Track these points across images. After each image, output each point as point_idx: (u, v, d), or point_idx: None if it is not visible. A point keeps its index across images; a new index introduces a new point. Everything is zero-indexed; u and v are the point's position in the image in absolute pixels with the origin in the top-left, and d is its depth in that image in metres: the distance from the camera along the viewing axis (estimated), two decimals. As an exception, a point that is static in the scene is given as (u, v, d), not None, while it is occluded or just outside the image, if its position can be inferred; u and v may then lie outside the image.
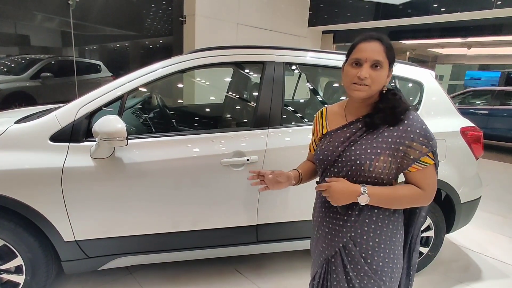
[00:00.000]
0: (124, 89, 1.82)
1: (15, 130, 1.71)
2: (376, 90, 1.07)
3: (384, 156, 1.05)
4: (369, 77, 1.03)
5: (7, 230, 1.68)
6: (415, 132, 1.04)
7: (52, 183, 1.66)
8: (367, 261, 1.11)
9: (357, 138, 1.11)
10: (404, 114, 1.06)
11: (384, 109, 1.07)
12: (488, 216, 3.54)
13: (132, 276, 2.22)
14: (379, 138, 1.07)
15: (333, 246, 1.16)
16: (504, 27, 6.26)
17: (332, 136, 1.17)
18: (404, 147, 1.04)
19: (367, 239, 1.11)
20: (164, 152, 1.82)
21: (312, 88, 2.68)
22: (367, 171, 1.06)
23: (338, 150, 1.13)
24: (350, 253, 1.12)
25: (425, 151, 1.04)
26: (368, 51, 1.04)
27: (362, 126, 1.11)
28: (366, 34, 1.08)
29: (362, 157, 1.06)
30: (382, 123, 1.07)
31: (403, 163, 1.06)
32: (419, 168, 1.06)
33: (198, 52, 1.99)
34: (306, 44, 7.39)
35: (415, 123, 1.05)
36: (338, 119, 1.20)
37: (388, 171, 1.07)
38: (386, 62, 1.05)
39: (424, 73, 2.35)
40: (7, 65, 4.84)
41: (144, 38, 6.16)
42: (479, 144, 2.31)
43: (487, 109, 7.15)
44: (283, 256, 2.49)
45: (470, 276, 2.46)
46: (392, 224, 1.12)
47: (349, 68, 1.08)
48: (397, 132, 1.05)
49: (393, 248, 1.13)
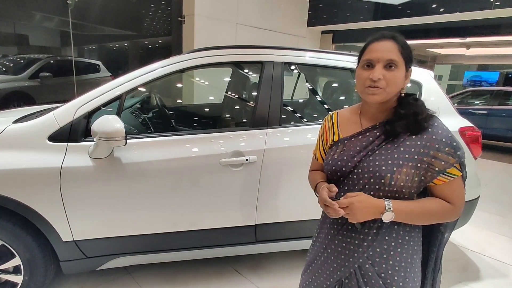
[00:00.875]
0: (123, 89, 1.81)
1: (13, 129, 1.71)
2: (393, 92, 0.98)
3: (406, 168, 0.95)
4: (383, 79, 0.94)
5: (5, 230, 1.68)
6: (441, 141, 0.95)
7: (50, 183, 1.66)
8: (386, 281, 1.01)
9: (375, 148, 1.00)
10: (427, 121, 0.97)
11: (406, 115, 0.97)
12: (487, 216, 3.54)
13: (131, 276, 2.22)
14: (401, 148, 0.97)
15: (347, 267, 1.05)
16: (503, 27, 6.27)
17: (346, 144, 1.06)
18: (428, 158, 0.95)
19: (387, 257, 1.01)
20: (162, 152, 1.81)
21: (311, 88, 2.68)
22: (387, 184, 0.96)
23: (354, 160, 1.02)
24: (366, 274, 1.02)
25: (452, 161, 0.95)
26: (380, 50, 0.96)
27: (380, 134, 1.01)
28: (378, 33, 1.00)
29: (383, 169, 0.96)
30: (404, 131, 0.97)
31: (427, 175, 0.96)
32: (445, 181, 0.97)
33: (197, 52, 1.99)
34: (305, 44, 7.39)
35: (441, 131, 0.96)
36: (351, 125, 1.09)
37: (411, 184, 0.96)
38: (401, 61, 0.96)
39: (422, 73, 2.36)
40: (6, 64, 4.83)
41: (143, 38, 6.16)
42: (477, 144, 2.31)
43: (486, 109, 7.17)
44: (282, 256, 2.49)
45: (469, 275, 2.46)
46: (413, 240, 1.03)
47: (361, 71, 1.00)
48: (420, 141, 0.96)
49: (414, 266, 1.03)
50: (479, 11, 5.34)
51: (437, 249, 1.09)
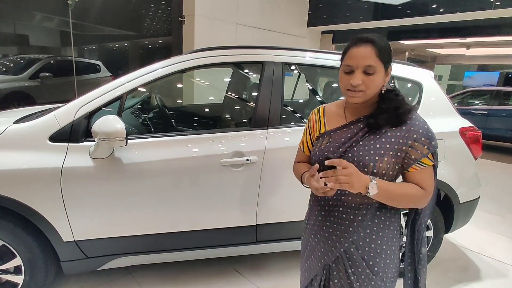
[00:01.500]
0: (124, 89, 1.82)
1: (14, 130, 1.71)
2: (373, 93, 1.06)
3: (387, 157, 1.04)
4: (363, 83, 1.02)
5: (6, 230, 1.68)
6: (418, 132, 1.04)
7: (51, 183, 1.66)
8: (369, 263, 1.11)
9: (359, 139, 1.09)
10: (407, 115, 1.06)
11: (388, 109, 1.06)
12: (487, 216, 3.55)
13: (131, 276, 2.22)
14: (382, 139, 1.06)
15: (334, 252, 1.14)
16: (503, 27, 6.27)
17: (332, 136, 1.14)
18: (406, 147, 1.04)
19: (370, 241, 1.10)
20: (163, 152, 1.82)
21: (311, 88, 2.68)
22: (370, 172, 1.04)
23: (339, 151, 1.10)
24: (351, 257, 1.12)
25: (425, 152, 1.04)
26: (358, 57, 1.02)
27: (364, 127, 1.09)
28: (357, 38, 1.05)
29: (366, 158, 1.05)
30: (386, 124, 1.06)
31: (404, 163, 1.06)
32: (417, 169, 1.06)
33: (198, 52, 1.99)
34: (305, 44, 7.39)
35: (418, 123, 1.05)
36: (337, 118, 1.18)
37: (391, 172, 1.06)
38: (379, 64, 1.02)
39: (423, 74, 2.36)
40: (6, 64, 4.83)
41: (143, 38, 6.16)
42: (478, 145, 2.31)
43: (486, 109, 7.17)
44: (282, 256, 2.49)
45: (469, 276, 2.46)
46: (393, 225, 1.13)
47: (342, 74, 1.07)
48: (400, 133, 1.05)
49: (393, 248, 1.14)
50: (479, 11, 5.34)
51: (418, 225, 1.20)
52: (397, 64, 2.34)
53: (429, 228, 2.30)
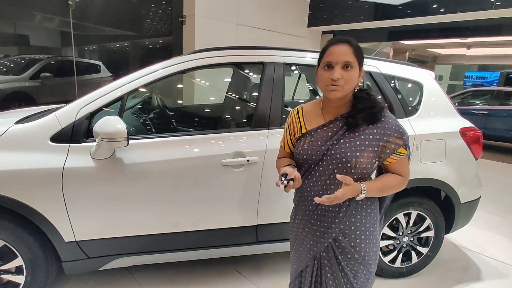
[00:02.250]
0: (124, 90, 1.82)
1: (16, 130, 1.71)
2: (350, 89, 1.15)
3: (367, 152, 1.16)
4: (342, 78, 1.11)
5: (8, 231, 1.68)
6: (391, 129, 1.17)
7: (52, 184, 1.66)
8: (355, 248, 1.22)
9: (340, 137, 1.18)
10: (381, 113, 1.17)
11: (364, 109, 1.16)
12: (487, 216, 3.55)
13: (132, 277, 2.22)
14: (361, 136, 1.16)
15: (323, 242, 1.24)
16: (503, 27, 6.27)
17: (313, 136, 1.23)
18: (382, 142, 1.17)
19: (355, 229, 1.22)
20: (164, 152, 1.82)
21: (311, 88, 2.68)
22: (353, 167, 1.15)
23: (322, 149, 1.19)
24: (340, 245, 1.22)
25: (400, 143, 1.18)
26: (338, 54, 1.12)
27: (343, 125, 1.19)
28: (334, 38, 1.17)
29: (348, 154, 1.15)
30: (363, 122, 1.16)
31: (381, 156, 1.20)
32: (396, 159, 1.20)
33: (198, 53, 1.99)
34: (305, 44, 7.39)
35: (391, 120, 1.18)
36: (315, 118, 1.26)
37: (370, 166, 1.19)
38: (355, 62, 1.13)
39: (423, 74, 2.36)
40: (7, 65, 4.84)
41: (144, 38, 6.16)
42: (478, 145, 2.31)
43: (487, 109, 7.17)
44: (283, 257, 2.49)
45: (470, 276, 2.46)
46: (373, 212, 1.25)
47: (322, 71, 1.16)
48: (376, 130, 1.17)
49: (375, 233, 1.26)
50: (479, 11, 5.34)
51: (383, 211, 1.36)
52: (397, 65, 2.34)
53: (430, 228, 2.30)
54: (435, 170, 2.17)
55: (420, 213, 2.24)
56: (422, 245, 2.33)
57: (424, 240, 2.34)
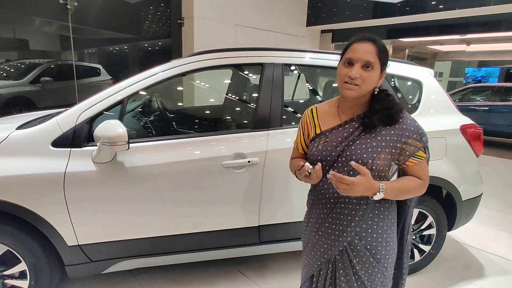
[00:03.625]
0: (125, 94, 1.83)
1: (17, 136, 1.72)
2: (367, 90, 1.11)
3: (384, 154, 1.11)
4: (360, 77, 1.07)
5: (11, 236, 1.69)
6: (410, 130, 1.12)
7: (54, 188, 1.67)
8: (371, 252, 1.18)
9: (355, 138, 1.14)
10: (399, 114, 1.13)
11: (381, 110, 1.12)
12: (489, 212, 3.54)
13: (135, 279, 2.23)
14: (378, 137, 1.12)
15: (338, 246, 1.19)
16: (502, 23, 6.26)
17: (328, 136, 1.19)
18: (401, 144, 1.12)
19: (371, 232, 1.17)
20: (165, 155, 1.82)
21: (311, 88, 2.68)
22: (370, 169, 1.10)
23: (337, 150, 1.15)
24: (355, 248, 1.18)
25: (419, 146, 1.13)
26: (360, 51, 1.08)
27: (359, 126, 1.15)
28: (360, 35, 1.12)
29: (364, 155, 1.11)
30: (380, 123, 1.12)
31: (400, 158, 1.15)
32: (415, 162, 1.15)
33: (198, 55, 2.00)
34: (304, 44, 7.39)
35: (409, 121, 1.14)
36: (330, 118, 1.22)
37: (388, 168, 1.15)
38: (377, 63, 1.09)
39: (423, 72, 2.36)
40: (7, 70, 4.85)
41: (143, 41, 6.17)
42: (479, 142, 2.31)
43: (487, 105, 7.15)
44: (286, 257, 2.49)
45: (473, 273, 2.46)
46: (391, 214, 1.21)
47: (342, 67, 1.12)
48: (394, 131, 1.12)
49: (392, 236, 1.22)
50: (478, 7, 5.33)
51: (404, 218, 1.29)
52: (396, 63, 2.34)
53: (432, 226, 2.30)
54: (436, 167, 2.17)
55: (422, 211, 2.24)
56: (425, 243, 2.33)
57: (426, 238, 2.33)
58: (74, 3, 4.64)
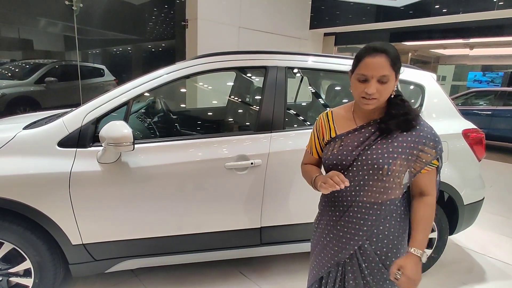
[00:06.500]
0: (130, 95, 1.85)
1: (24, 136, 1.75)
2: (385, 99, 1.11)
3: (400, 160, 1.10)
4: (377, 91, 1.06)
5: (16, 234, 1.71)
6: (427, 137, 1.11)
7: (60, 188, 1.69)
8: (381, 257, 1.18)
9: (371, 142, 1.13)
10: (415, 120, 1.12)
11: (397, 115, 1.11)
12: (491, 217, 3.54)
13: (138, 279, 2.25)
14: (394, 143, 1.11)
15: (348, 249, 1.19)
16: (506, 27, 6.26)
17: (344, 140, 1.18)
18: (417, 151, 1.11)
19: (382, 237, 1.17)
20: (169, 156, 1.84)
21: (314, 91, 2.70)
22: (385, 175, 1.10)
23: (353, 154, 1.14)
24: (365, 252, 1.18)
25: (434, 154, 1.12)
26: (374, 68, 1.04)
27: (375, 131, 1.14)
28: (370, 47, 1.07)
29: (380, 161, 1.10)
30: (396, 129, 1.11)
31: (416, 166, 1.13)
32: (428, 170, 1.14)
33: (202, 58, 2.02)
34: (307, 47, 7.41)
35: (426, 128, 1.12)
36: (346, 122, 1.21)
37: (403, 174, 1.13)
38: (392, 74, 1.06)
39: (425, 76, 2.37)
40: (12, 70, 4.90)
41: (147, 42, 6.22)
42: (481, 146, 2.32)
43: (490, 110, 7.14)
44: (288, 258, 2.50)
45: (474, 277, 2.46)
46: (403, 221, 1.20)
47: (356, 83, 1.09)
48: (410, 137, 1.11)
49: (403, 243, 1.21)
50: (482, 12, 5.34)
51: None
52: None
53: (433, 230, 2.30)
54: (438, 171, 2.18)
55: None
56: (426, 246, 2.33)
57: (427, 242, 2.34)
58: (79, 4, 4.69)
